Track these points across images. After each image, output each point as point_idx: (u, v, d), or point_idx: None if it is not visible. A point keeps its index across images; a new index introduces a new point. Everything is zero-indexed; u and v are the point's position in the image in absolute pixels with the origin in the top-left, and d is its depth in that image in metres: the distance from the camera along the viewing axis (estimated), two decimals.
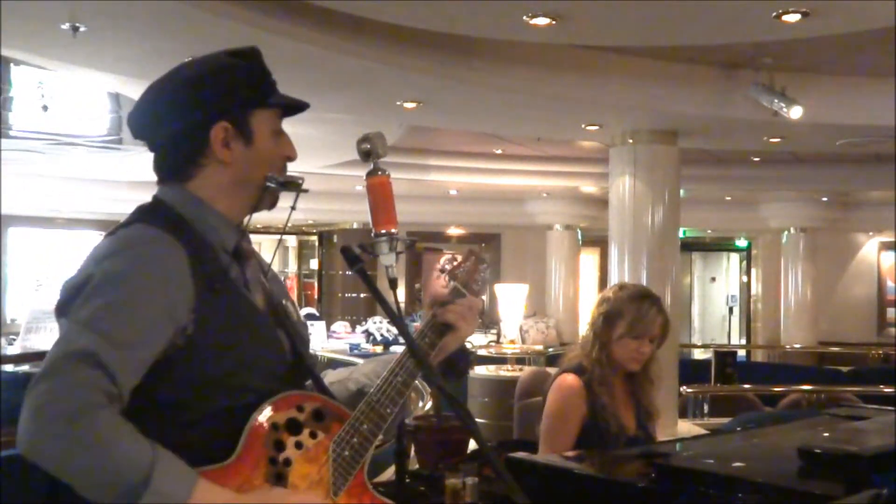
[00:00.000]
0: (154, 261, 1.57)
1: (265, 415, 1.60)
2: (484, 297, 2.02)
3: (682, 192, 7.85)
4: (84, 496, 1.45)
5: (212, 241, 1.68)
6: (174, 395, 1.57)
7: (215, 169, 1.70)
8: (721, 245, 17.32)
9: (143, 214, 1.68)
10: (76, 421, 1.40)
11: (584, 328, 3.33)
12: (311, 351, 1.92)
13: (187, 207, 1.69)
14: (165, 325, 1.54)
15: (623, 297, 3.15)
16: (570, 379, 3.10)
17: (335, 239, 14.58)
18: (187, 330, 1.56)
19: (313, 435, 1.65)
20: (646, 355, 3.12)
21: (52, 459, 1.42)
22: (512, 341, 8.49)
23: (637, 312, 3.09)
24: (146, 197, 1.77)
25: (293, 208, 1.74)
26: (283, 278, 8.92)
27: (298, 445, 1.63)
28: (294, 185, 1.74)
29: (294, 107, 1.79)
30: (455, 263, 1.95)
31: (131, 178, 10.39)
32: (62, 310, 1.57)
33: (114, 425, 1.43)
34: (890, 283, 14.94)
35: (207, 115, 1.68)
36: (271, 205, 1.76)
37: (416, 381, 1.81)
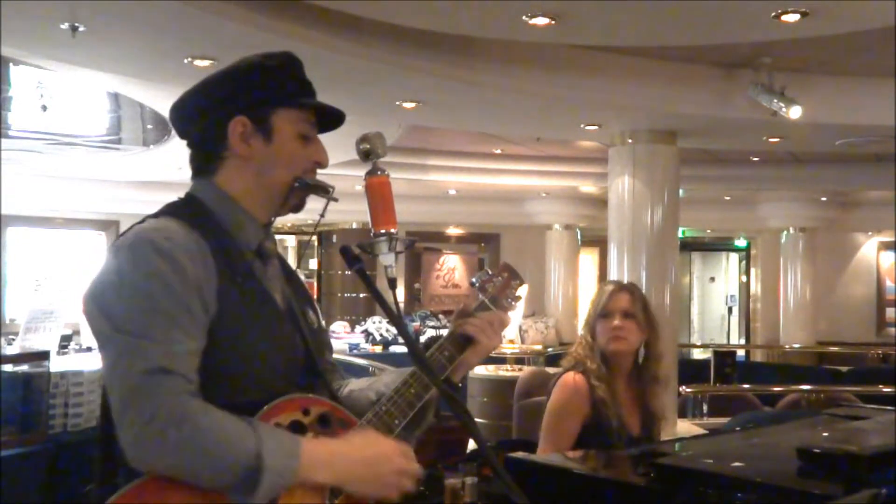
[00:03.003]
0: (182, 253, 1.58)
1: (269, 414, 1.60)
2: (511, 314, 1.99)
3: (681, 191, 7.85)
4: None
5: (236, 236, 1.70)
6: None
7: (237, 164, 1.72)
8: (720, 245, 17.31)
9: (171, 208, 1.71)
10: (181, 427, 1.47)
11: (582, 329, 3.35)
12: (329, 358, 1.92)
13: (215, 203, 1.71)
14: (204, 318, 1.58)
15: (597, 289, 3.38)
16: (574, 377, 3.09)
17: (334, 239, 14.56)
18: (211, 316, 1.59)
19: None
20: (621, 330, 3.12)
21: (170, 465, 1.50)
22: (511, 341, 8.50)
23: (600, 292, 3.27)
24: (146, 197, 1.79)
25: (322, 216, 1.78)
26: None
27: None
28: (322, 190, 1.75)
29: (330, 117, 1.80)
30: (487, 276, 1.94)
31: (130, 178, 10.39)
32: (93, 319, 1.58)
33: (213, 421, 1.50)
34: (889, 283, 14.93)
35: (227, 109, 1.71)
36: (297, 207, 1.77)
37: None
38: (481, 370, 7.74)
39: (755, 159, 10.15)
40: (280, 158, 1.72)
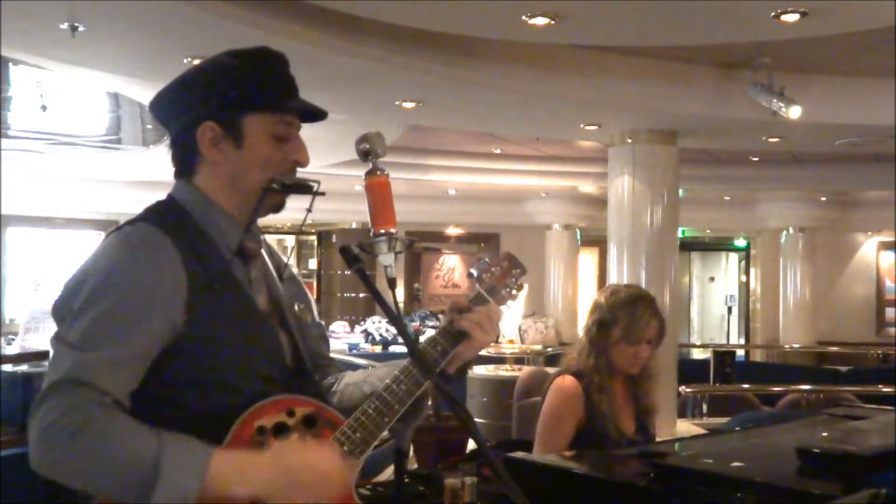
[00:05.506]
0: (146, 264, 1.57)
1: (253, 417, 1.58)
2: (509, 305, 1.95)
3: (680, 191, 7.85)
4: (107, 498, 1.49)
5: (215, 238, 1.67)
6: (162, 394, 1.56)
7: (210, 167, 1.69)
8: (720, 245, 17.31)
9: (149, 213, 1.68)
10: (77, 436, 1.43)
11: (582, 329, 3.30)
12: (326, 352, 1.90)
13: (193, 204, 1.69)
14: (162, 329, 1.55)
15: (616, 303, 3.09)
16: (569, 381, 3.08)
17: (334, 239, 14.56)
18: (177, 326, 1.56)
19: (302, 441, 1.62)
20: (644, 359, 3.09)
21: (64, 474, 1.47)
22: (511, 341, 8.50)
23: (631, 318, 3.05)
24: (145, 196, 1.78)
25: (309, 210, 1.73)
26: None
27: None
28: (303, 188, 1.71)
29: (312, 113, 1.75)
30: (485, 266, 1.91)
31: (130, 178, 10.39)
32: (58, 323, 1.57)
33: (112, 432, 1.45)
34: (889, 283, 14.93)
35: (197, 113, 1.67)
36: (276, 208, 1.73)
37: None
38: (481, 370, 7.74)
39: (755, 159, 10.15)
40: (253, 162, 1.68)
